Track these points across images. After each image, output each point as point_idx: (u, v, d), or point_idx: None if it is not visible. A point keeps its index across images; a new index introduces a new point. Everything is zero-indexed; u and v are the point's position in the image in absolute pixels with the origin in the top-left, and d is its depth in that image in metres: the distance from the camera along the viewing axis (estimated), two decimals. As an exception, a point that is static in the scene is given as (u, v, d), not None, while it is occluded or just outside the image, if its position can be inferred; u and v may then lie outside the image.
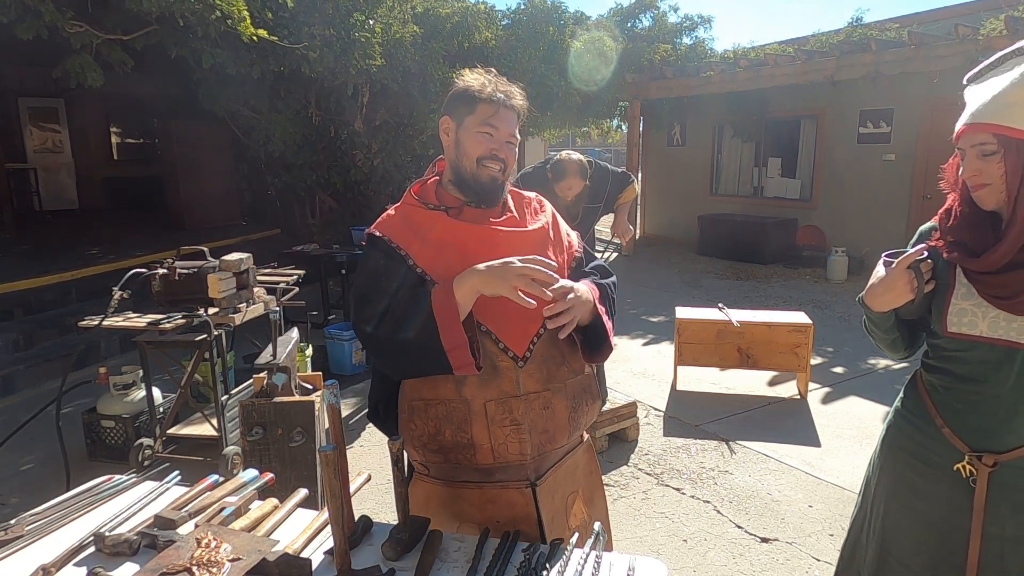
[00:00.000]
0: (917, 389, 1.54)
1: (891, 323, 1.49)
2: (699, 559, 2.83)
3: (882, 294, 1.41)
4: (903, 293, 1.38)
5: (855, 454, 3.76)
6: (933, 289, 1.41)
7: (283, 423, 2.70)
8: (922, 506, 1.49)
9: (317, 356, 4.96)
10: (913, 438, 1.52)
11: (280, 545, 1.28)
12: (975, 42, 6.62)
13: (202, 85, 7.32)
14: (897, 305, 1.41)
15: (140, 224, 9.51)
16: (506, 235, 1.46)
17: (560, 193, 3.37)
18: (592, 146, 24.97)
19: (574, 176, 3.36)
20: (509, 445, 1.39)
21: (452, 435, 1.39)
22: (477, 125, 1.43)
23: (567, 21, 9.51)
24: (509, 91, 1.46)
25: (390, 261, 1.43)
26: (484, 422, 1.39)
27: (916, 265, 1.36)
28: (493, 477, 1.44)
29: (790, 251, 9.68)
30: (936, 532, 1.46)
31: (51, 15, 4.65)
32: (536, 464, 1.44)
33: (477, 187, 1.45)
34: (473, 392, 1.38)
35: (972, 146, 1.32)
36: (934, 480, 1.46)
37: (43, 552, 1.31)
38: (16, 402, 4.76)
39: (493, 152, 1.44)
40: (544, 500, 1.44)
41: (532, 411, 1.40)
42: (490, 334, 1.40)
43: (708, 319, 4.68)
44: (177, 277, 3.38)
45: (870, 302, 1.45)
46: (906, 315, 1.46)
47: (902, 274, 1.37)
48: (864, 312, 1.51)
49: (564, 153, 3.45)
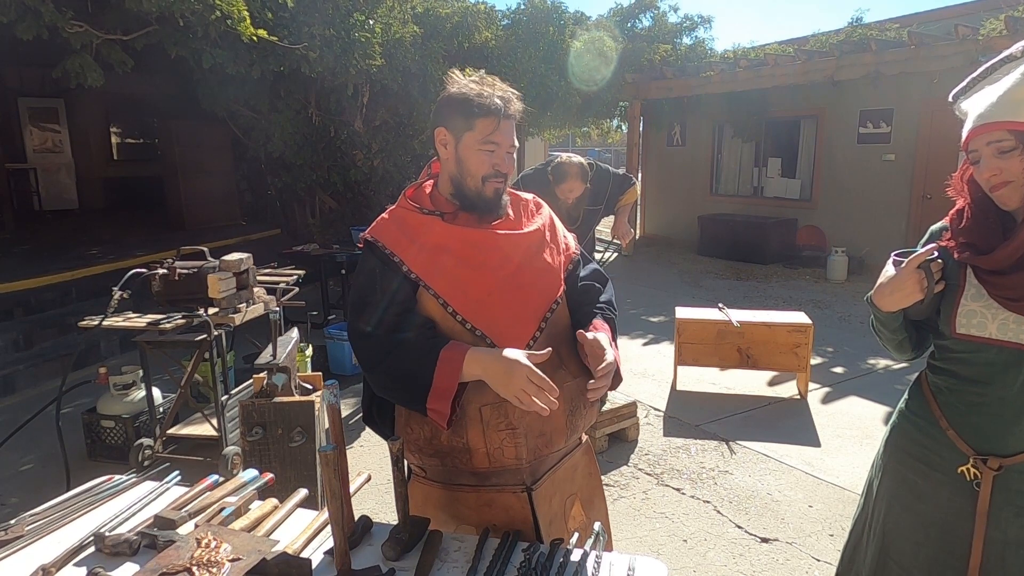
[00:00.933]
0: (922, 390, 1.53)
1: (899, 323, 1.47)
2: (699, 559, 2.83)
3: (891, 293, 1.39)
4: (912, 293, 1.36)
5: (855, 454, 3.76)
6: (943, 290, 1.39)
7: (283, 423, 2.70)
8: (923, 508, 1.47)
9: (317, 356, 4.95)
10: (917, 440, 1.50)
11: (280, 545, 1.28)
12: (975, 42, 6.62)
13: (202, 85, 7.32)
14: (906, 305, 1.40)
15: (140, 224, 9.51)
16: (503, 238, 1.45)
17: (561, 196, 3.37)
18: (592, 146, 24.93)
19: (575, 179, 3.35)
20: (505, 449, 1.38)
21: (448, 439, 1.38)
22: (479, 142, 1.40)
23: (567, 21, 9.51)
24: (506, 97, 1.42)
25: (384, 268, 1.41)
26: (480, 427, 1.37)
27: (926, 265, 1.34)
28: (489, 481, 1.43)
29: (790, 251, 9.68)
30: (937, 535, 1.45)
31: (51, 15, 4.65)
32: (532, 468, 1.43)
33: (482, 203, 1.43)
34: (468, 396, 1.36)
35: (988, 144, 1.29)
36: (937, 482, 1.45)
37: (43, 552, 1.31)
38: (16, 402, 4.76)
39: (497, 168, 1.42)
40: (541, 504, 1.43)
41: (528, 415, 1.36)
42: (485, 338, 1.39)
43: (708, 319, 4.68)
44: (177, 277, 3.38)
45: (878, 301, 1.44)
46: (914, 316, 1.45)
47: (912, 274, 1.35)
48: (872, 312, 1.49)
49: (565, 156, 3.45)
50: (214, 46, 5.46)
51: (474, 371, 1.31)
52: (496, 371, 1.29)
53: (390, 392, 1.41)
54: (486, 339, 1.39)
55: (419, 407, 1.34)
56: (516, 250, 1.45)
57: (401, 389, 1.37)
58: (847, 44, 8.05)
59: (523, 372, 1.26)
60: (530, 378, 1.26)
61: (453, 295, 1.39)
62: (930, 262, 1.35)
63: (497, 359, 1.29)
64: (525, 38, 8.87)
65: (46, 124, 10.53)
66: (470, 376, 1.32)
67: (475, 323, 1.39)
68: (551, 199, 3.39)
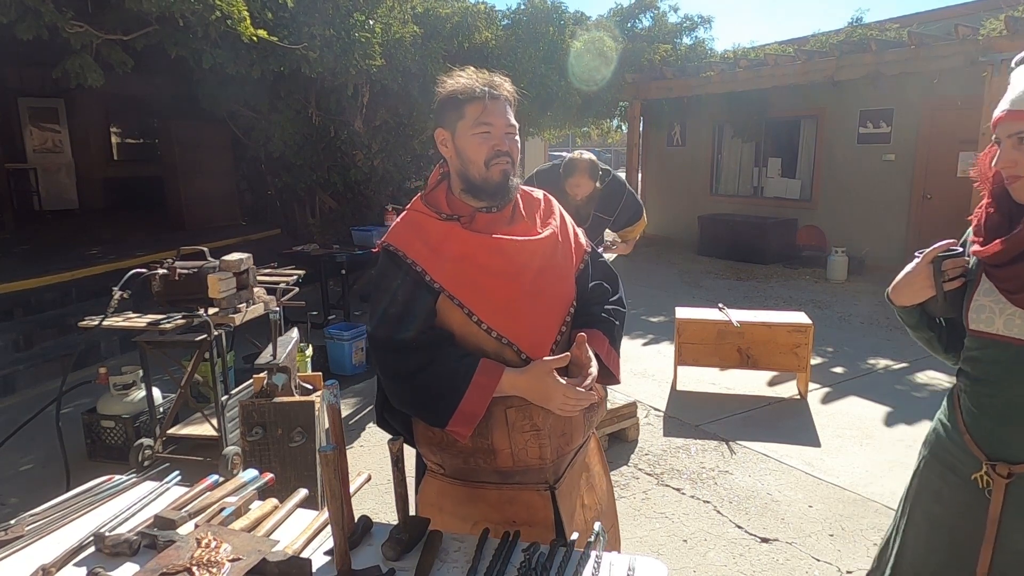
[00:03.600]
0: (952, 394, 1.48)
1: (916, 320, 1.44)
2: (699, 559, 2.83)
3: (903, 287, 1.38)
4: (924, 288, 1.34)
5: (855, 454, 3.76)
6: (962, 287, 1.34)
7: (283, 423, 2.70)
8: (940, 512, 1.44)
9: (317, 356, 4.95)
10: (943, 444, 1.46)
11: (280, 545, 1.28)
12: (975, 42, 6.62)
13: (202, 85, 7.32)
14: (917, 300, 1.37)
15: (140, 224, 9.50)
16: (519, 245, 1.45)
17: (569, 191, 3.36)
18: (592, 146, 24.91)
19: (583, 174, 3.33)
20: (529, 450, 1.40)
21: (472, 440, 1.39)
22: (471, 127, 1.40)
23: (567, 21, 9.50)
24: (492, 82, 1.43)
25: (406, 278, 1.41)
26: (504, 428, 1.39)
27: (938, 261, 1.31)
28: (512, 479, 1.44)
29: (790, 251, 9.68)
30: (948, 540, 1.42)
31: (51, 15, 4.64)
32: (555, 467, 1.45)
33: (490, 188, 1.42)
34: (493, 399, 1.37)
35: (1009, 136, 1.23)
36: (955, 487, 1.41)
37: (43, 552, 1.31)
38: (16, 402, 4.76)
39: (496, 149, 1.41)
40: (563, 500, 1.46)
41: (551, 416, 1.40)
42: (511, 344, 1.40)
43: (708, 319, 4.68)
44: (177, 277, 3.38)
45: (893, 295, 1.42)
46: (935, 313, 1.41)
47: (924, 268, 1.33)
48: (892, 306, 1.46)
49: (577, 152, 3.48)
50: (214, 46, 5.46)
51: (509, 387, 1.36)
52: (533, 395, 1.35)
53: (410, 407, 1.42)
54: (512, 346, 1.40)
55: (439, 425, 1.36)
56: (535, 256, 1.46)
57: (423, 407, 1.38)
58: (847, 44, 8.05)
59: (560, 391, 1.33)
60: (567, 395, 1.33)
61: (477, 303, 1.40)
62: (944, 258, 1.31)
63: (530, 385, 1.35)
64: (525, 38, 8.86)
65: (46, 124, 10.52)
66: (506, 391, 1.36)
67: (500, 330, 1.40)
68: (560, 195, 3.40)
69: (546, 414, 1.39)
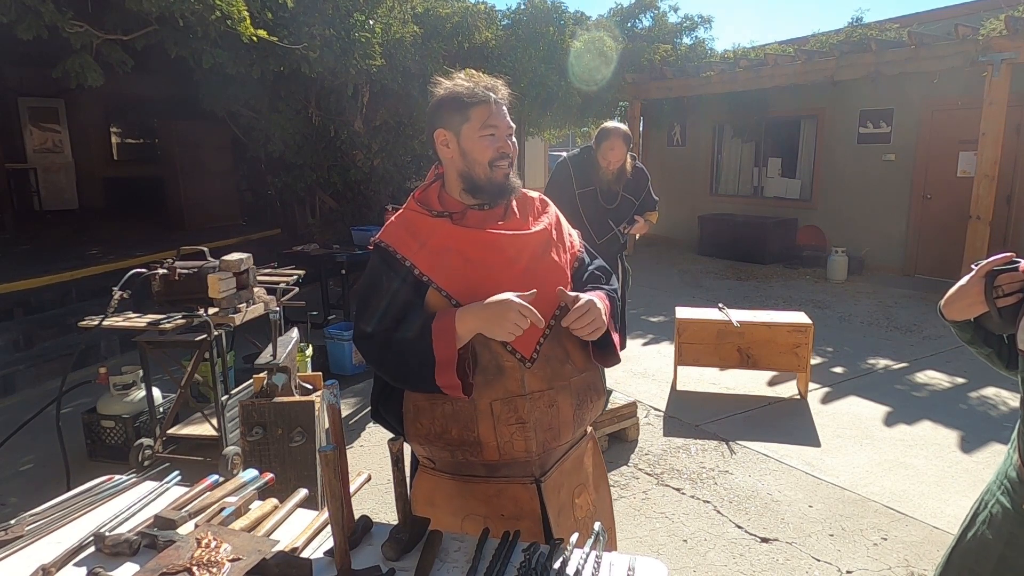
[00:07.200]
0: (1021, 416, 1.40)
1: (971, 336, 1.37)
2: (699, 559, 2.83)
3: (954, 301, 1.32)
4: (975, 303, 1.27)
5: (855, 454, 3.76)
6: (1017, 304, 1.24)
7: (283, 423, 2.70)
8: (988, 536, 1.39)
9: (317, 356, 4.95)
10: (1005, 467, 1.42)
11: (280, 545, 1.28)
12: (975, 42, 6.62)
13: (202, 85, 7.31)
14: (970, 315, 1.30)
15: (140, 224, 9.50)
16: (509, 239, 1.47)
17: (602, 160, 3.40)
18: (592, 146, 24.92)
19: (617, 138, 3.41)
20: (515, 443, 1.41)
21: (459, 433, 1.42)
22: (478, 130, 1.44)
23: (567, 21, 9.51)
24: (493, 85, 1.47)
25: (388, 269, 1.45)
26: (490, 421, 1.41)
27: (992, 275, 1.23)
28: (499, 472, 1.46)
29: (790, 251, 9.68)
30: (991, 567, 1.37)
31: (51, 15, 4.64)
32: (541, 461, 1.47)
33: (493, 188, 1.46)
34: (479, 392, 1.40)
35: None
36: (1005, 514, 1.37)
37: (43, 552, 1.31)
38: (16, 402, 4.76)
39: (501, 151, 1.45)
40: (550, 495, 1.47)
41: (537, 409, 1.42)
42: None
43: (708, 319, 4.68)
44: (177, 277, 3.38)
45: (945, 309, 1.35)
46: (993, 330, 1.33)
47: (977, 282, 1.26)
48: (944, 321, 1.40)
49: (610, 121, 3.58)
50: (214, 46, 5.46)
51: (469, 326, 1.35)
52: (489, 316, 1.33)
53: (401, 382, 1.45)
54: None
55: (433, 387, 1.36)
56: (524, 250, 1.48)
57: (409, 376, 1.40)
58: (847, 44, 8.05)
59: (515, 307, 1.31)
60: (520, 311, 1.31)
61: (462, 294, 1.42)
62: (999, 272, 1.23)
63: (486, 307, 1.34)
64: (525, 38, 8.86)
65: (46, 124, 10.52)
66: (467, 332, 1.35)
67: None
68: (594, 171, 3.42)
69: (532, 407, 1.41)
